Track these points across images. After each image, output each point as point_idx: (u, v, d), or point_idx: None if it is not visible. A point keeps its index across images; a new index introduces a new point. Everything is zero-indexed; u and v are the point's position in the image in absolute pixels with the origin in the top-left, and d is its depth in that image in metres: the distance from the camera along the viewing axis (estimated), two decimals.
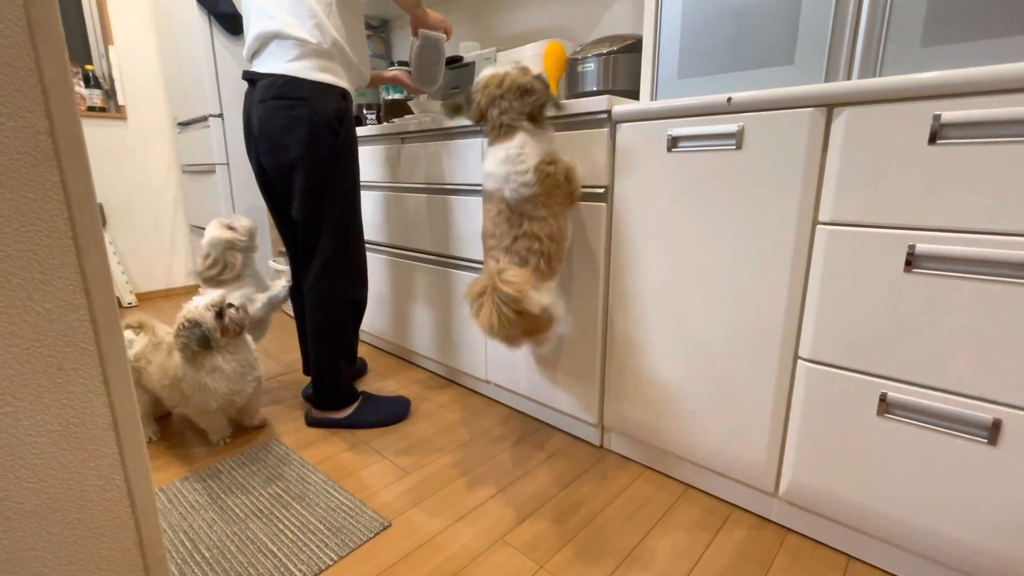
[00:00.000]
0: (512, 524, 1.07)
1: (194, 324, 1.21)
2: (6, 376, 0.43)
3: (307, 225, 1.32)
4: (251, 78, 1.29)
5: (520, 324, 0.99)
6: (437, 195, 1.59)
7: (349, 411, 1.45)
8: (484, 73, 1.11)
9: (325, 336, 1.38)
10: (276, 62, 1.22)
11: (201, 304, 1.24)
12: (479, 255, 1.50)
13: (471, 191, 1.48)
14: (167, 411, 1.52)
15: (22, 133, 0.41)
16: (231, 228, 1.53)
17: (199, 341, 1.21)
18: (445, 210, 1.57)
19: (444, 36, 1.45)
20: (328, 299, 1.37)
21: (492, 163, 1.07)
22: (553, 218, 1.06)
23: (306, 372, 1.69)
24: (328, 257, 1.34)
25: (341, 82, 1.28)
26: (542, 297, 1.01)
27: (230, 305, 1.27)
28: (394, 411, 1.48)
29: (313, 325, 1.38)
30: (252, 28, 1.26)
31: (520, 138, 1.05)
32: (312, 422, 1.47)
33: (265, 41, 1.24)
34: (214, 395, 1.26)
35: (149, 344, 1.32)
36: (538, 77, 1.09)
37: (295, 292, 1.57)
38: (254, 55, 1.29)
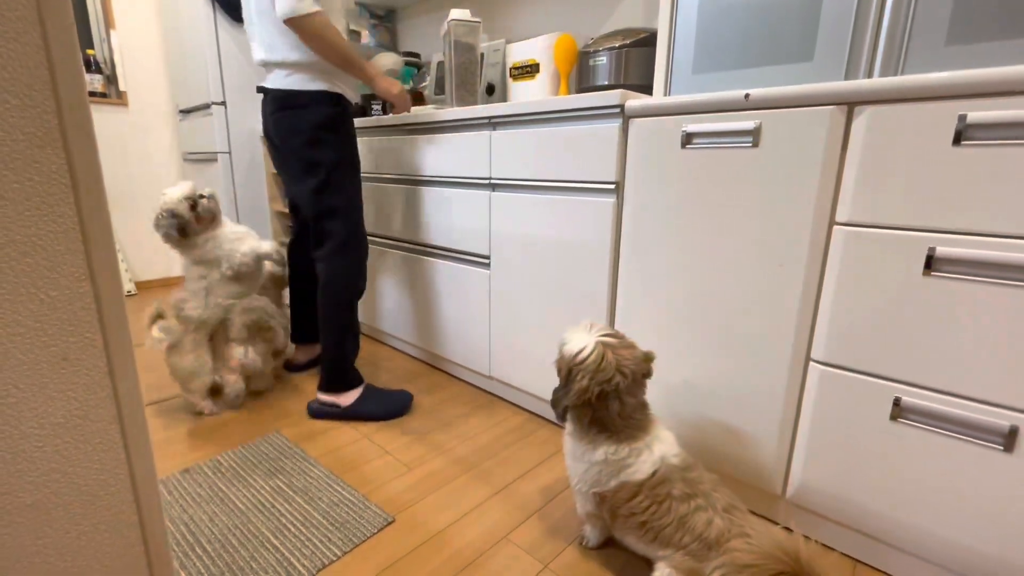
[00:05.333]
0: (516, 522, 1.05)
1: (171, 215, 1.35)
2: (9, 366, 0.41)
3: (317, 220, 1.43)
4: (263, 91, 1.45)
5: None
6: (434, 187, 1.57)
7: (352, 399, 1.45)
8: (577, 347, 0.86)
9: (334, 315, 1.44)
10: (278, 79, 1.38)
11: (175, 195, 1.36)
12: (484, 249, 1.48)
13: (468, 184, 1.47)
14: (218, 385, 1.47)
15: (27, 113, 0.39)
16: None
17: (177, 229, 1.36)
18: (447, 202, 1.55)
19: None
20: (337, 281, 1.44)
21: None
22: None
23: (295, 340, 1.75)
24: (337, 244, 1.43)
25: (335, 88, 1.40)
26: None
27: (201, 196, 1.41)
28: (396, 405, 1.48)
29: (323, 306, 1.44)
30: (256, 54, 1.40)
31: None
32: (314, 413, 1.46)
33: (268, 67, 1.40)
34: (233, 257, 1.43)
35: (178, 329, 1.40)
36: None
37: (294, 264, 1.68)
38: (264, 69, 1.44)
